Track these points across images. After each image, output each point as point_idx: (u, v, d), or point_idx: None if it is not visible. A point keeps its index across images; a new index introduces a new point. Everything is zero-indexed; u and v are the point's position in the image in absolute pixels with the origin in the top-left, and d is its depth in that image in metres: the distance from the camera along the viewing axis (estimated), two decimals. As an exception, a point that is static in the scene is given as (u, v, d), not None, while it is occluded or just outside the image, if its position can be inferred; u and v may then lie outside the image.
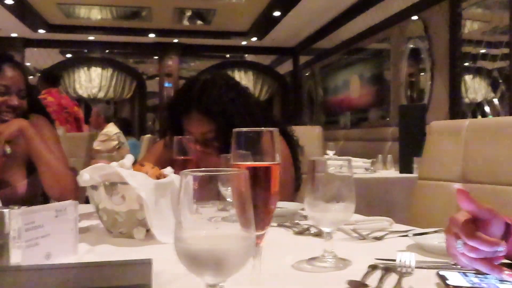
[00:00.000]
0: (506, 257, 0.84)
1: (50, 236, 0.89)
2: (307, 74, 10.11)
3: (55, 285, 0.75)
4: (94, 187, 1.11)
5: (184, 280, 0.57)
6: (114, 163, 1.18)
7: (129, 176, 1.06)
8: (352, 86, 8.06)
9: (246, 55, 10.86)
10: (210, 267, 0.53)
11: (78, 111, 5.36)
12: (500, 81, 4.63)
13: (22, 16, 7.92)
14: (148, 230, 1.11)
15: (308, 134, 2.25)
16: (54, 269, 0.82)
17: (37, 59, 9.81)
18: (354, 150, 5.78)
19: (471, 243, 0.77)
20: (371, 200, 2.95)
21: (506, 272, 0.76)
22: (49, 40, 9.19)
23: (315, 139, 2.22)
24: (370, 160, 3.73)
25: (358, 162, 4.08)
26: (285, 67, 10.77)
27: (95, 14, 8.28)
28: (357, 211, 1.46)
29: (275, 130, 0.66)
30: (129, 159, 1.20)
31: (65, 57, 10.23)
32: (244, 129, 0.65)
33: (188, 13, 8.30)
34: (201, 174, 0.56)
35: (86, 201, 1.28)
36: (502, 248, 0.76)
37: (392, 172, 3.48)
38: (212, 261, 0.53)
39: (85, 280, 0.78)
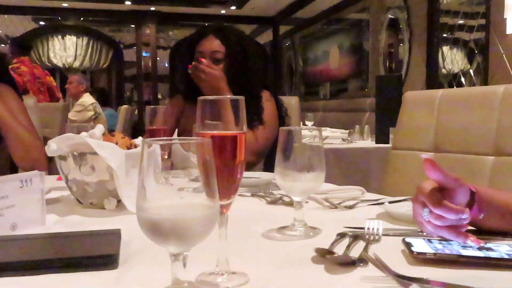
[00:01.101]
0: (470, 223, 0.86)
1: (15, 206, 0.87)
2: (287, 44, 10.04)
3: (20, 256, 0.74)
4: (63, 158, 1.09)
5: (152, 250, 0.57)
6: (83, 133, 1.16)
7: (98, 146, 1.04)
8: (332, 56, 8.04)
9: (226, 24, 10.70)
10: (172, 236, 0.53)
11: (51, 80, 5.24)
12: (476, 52, 4.67)
13: (-9, -20, 7.63)
14: (119, 201, 1.10)
15: (285, 105, 2.24)
16: (19, 240, 0.82)
17: (8, 26, 9.49)
18: (333, 121, 5.82)
19: (437, 211, 0.78)
20: (348, 170, 2.98)
21: (471, 238, 0.78)
22: (21, 7, 8.86)
23: (292, 110, 2.22)
24: (347, 131, 3.76)
25: (335, 132, 4.13)
26: (265, 37, 10.66)
27: (69, -20, 8.03)
28: (334, 180, 1.49)
29: (241, 98, 0.65)
30: (99, 129, 1.18)
31: (38, 24, 9.90)
32: (210, 97, 0.63)
33: (166, -21, 8.11)
34: (164, 142, 0.55)
35: None
36: (466, 216, 0.78)
37: (368, 143, 3.51)
38: (174, 231, 0.53)
39: (52, 251, 0.77)
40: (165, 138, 0.56)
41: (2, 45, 8.22)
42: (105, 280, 0.66)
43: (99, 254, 0.72)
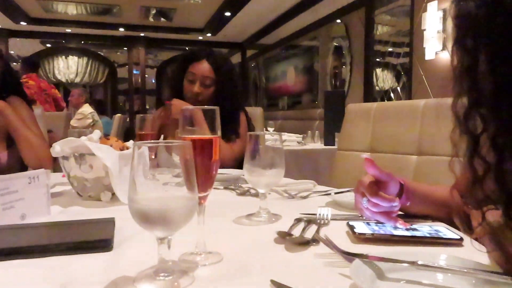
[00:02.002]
0: (400, 209, 0.88)
1: (24, 200, 0.84)
2: (252, 65, 10.05)
3: (29, 241, 0.71)
4: (65, 158, 1.06)
5: (142, 234, 0.55)
6: (83, 137, 1.12)
7: (95, 148, 1.01)
8: (289, 75, 8.09)
9: (217, 52, 10.61)
10: (158, 223, 0.52)
11: (56, 92, 5.08)
12: (402, 73, 4.79)
13: (5, 9, 7.33)
14: (113, 194, 1.07)
15: (251, 114, 2.23)
16: (28, 228, 0.78)
17: (20, 48, 9.17)
18: (290, 128, 5.85)
19: (374, 200, 0.80)
20: (302, 167, 3.00)
21: (400, 221, 0.79)
22: (30, 31, 8.57)
23: (257, 118, 2.21)
24: (301, 135, 3.78)
25: (292, 137, 4.14)
26: (235, 59, 10.64)
27: (71, 10, 7.79)
28: (291, 176, 1.49)
29: (216, 108, 0.64)
30: (96, 134, 1.15)
31: (45, 46, 9.60)
32: (190, 108, 0.62)
33: (153, 11, 7.97)
34: (151, 145, 0.54)
35: None
36: (396, 203, 0.79)
37: (318, 145, 3.54)
38: (160, 218, 0.51)
39: (56, 236, 0.74)
40: (152, 141, 0.55)
41: (15, 63, 7.91)
42: (101, 260, 0.64)
43: (96, 238, 0.70)
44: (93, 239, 0.70)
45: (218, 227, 0.84)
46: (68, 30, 8.78)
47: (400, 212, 0.90)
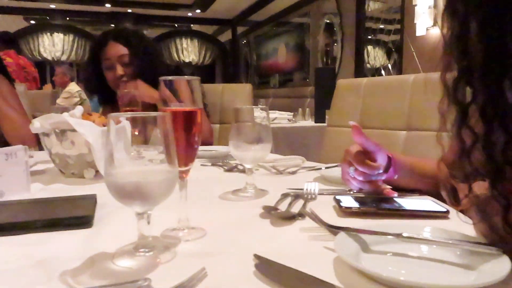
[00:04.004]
0: (387, 183, 0.87)
1: (1, 177, 0.81)
2: (243, 42, 9.93)
3: (8, 218, 0.69)
4: (46, 134, 1.03)
5: (124, 211, 0.53)
6: (65, 113, 1.09)
7: (77, 124, 0.98)
8: (280, 53, 8.01)
9: (192, 25, 10.44)
10: (136, 197, 0.50)
11: (35, 71, 4.95)
12: (393, 50, 4.76)
13: (-15, -16, 7.10)
14: (97, 171, 1.05)
15: (240, 91, 2.20)
16: (6, 205, 0.76)
17: (2, 25, 8.91)
18: (281, 105, 5.82)
19: (360, 168, 0.79)
20: (293, 144, 2.99)
21: (386, 190, 0.79)
22: (13, 7, 8.33)
23: (246, 95, 2.17)
24: (292, 113, 3.77)
25: (283, 114, 4.12)
26: (225, 36, 10.50)
27: (56, -16, 7.59)
28: (281, 152, 1.47)
29: (196, 78, 0.61)
30: (79, 110, 1.12)
31: (29, 23, 9.34)
32: (169, 78, 0.60)
33: (141, -14, 7.80)
34: (129, 115, 0.51)
35: None
36: (381, 171, 0.80)
37: (309, 122, 3.53)
38: (137, 192, 0.49)
39: (34, 213, 0.72)
40: (130, 112, 0.52)
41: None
42: (81, 236, 0.63)
43: (76, 215, 0.68)
44: (72, 216, 0.68)
45: (203, 203, 0.83)
46: (52, 6, 8.54)
47: (388, 186, 0.89)
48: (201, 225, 0.66)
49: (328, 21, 6.19)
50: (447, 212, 0.71)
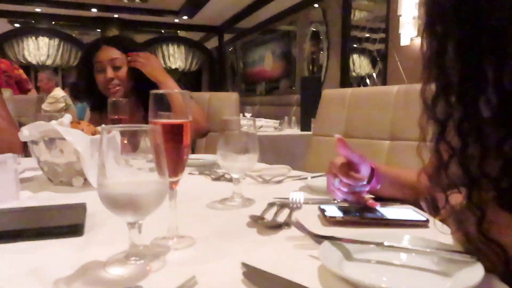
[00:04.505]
0: (371, 193, 0.90)
1: (-10, 185, 0.82)
2: (230, 49, 9.97)
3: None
4: (35, 142, 1.03)
5: (114, 220, 0.55)
6: (53, 121, 1.10)
7: (66, 133, 0.99)
8: (266, 60, 8.07)
9: (179, 32, 10.44)
10: (128, 208, 0.52)
11: (20, 73, 4.87)
12: (378, 59, 4.84)
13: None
14: (86, 179, 1.05)
15: (226, 99, 2.22)
16: (-4, 213, 0.76)
17: (-15, 28, 8.78)
18: (267, 113, 5.85)
19: (345, 180, 0.82)
20: (278, 152, 3.01)
21: (369, 201, 0.82)
22: (-3, 10, 8.22)
23: (233, 103, 2.20)
24: (278, 121, 3.80)
25: (269, 122, 4.15)
26: (212, 43, 10.52)
27: (41, -12, 7.51)
28: (267, 161, 1.50)
29: (186, 92, 0.64)
30: (67, 118, 1.12)
31: (13, 26, 9.22)
32: (161, 91, 0.62)
33: (128, -8, 7.77)
34: (121, 129, 0.53)
35: None
36: (365, 183, 0.83)
37: (295, 130, 3.56)
38: (129, 203, 0.51)
39: (24, 222, 0.73)
40: (122, 125, 0.54)
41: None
42: (71, 245, 0.64)
43: (66, 224, 0.69)
44: (63, 224, 0.69)
45: (191, 212, 0.84)
46: (38, 10, 8.45)
47: (371, 196, 0.92)
48: (190, 233, 0.68)
49: (314, 29, 6.27)
50: (427, 221, 0.74)
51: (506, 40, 0.49)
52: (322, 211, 0.79)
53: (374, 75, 4.97)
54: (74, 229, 0.68)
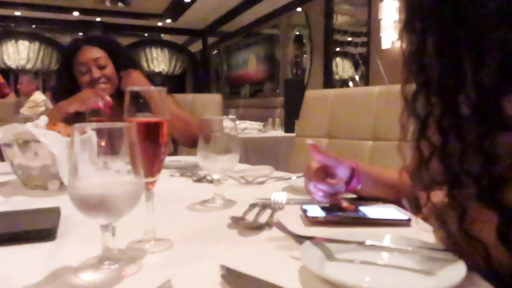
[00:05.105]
0: (352, 192, 0.90)
1: (-41, 189, 0.78)
2: (214, 52, 9.94)
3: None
4: (8, 145, 0.99)
5: (89, 224, 0.52)
6: (28, 124, 1.06)
7: (40, 134, 0.95)
8: (250, 63, 8.07)
9: (162, 35, 10.37)
10: (100, 209, 0.49)
11: None
12: (360, 62, 4.89)
13: None
14: (62, 182, 1.02)
15: (209, 101, 2.20)
16: (-36, 219, 0.73)
17: (-38, 31, 8.56)
18: (252, 115, 5.83)
19: (319, 185, 0.82)
20: (262, 154, 3.00)
21: (344, 204, 0.81)
22: (-26, 13, 8.03)
23: (216, 105, 2.18)
24: (262, 123, 3.79)
25: (253, 125, 4.13)
26: (196, 46, 10.47)
27: (21, -9, 7.35)
28: (251, 162, 1.48)
29: (162, 89, 0.61)
30: (43, 119, 1.09)
31: (-8, 30, 9.02)
32: (136, 88, 0.59)
33: (110, -5, 7.67)
34: (94, 126, 0.51)
35: None
36: (341, 187, 0.82)
37: (279, 132, 3.56)
38: (101, 204, 0.49)
39: (-4, 227, 0.69)
40: (95, 123, 0.51)
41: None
42: (43, 250, 0.61)
43: (38, 228, 0.66)
44: (35, 229, 0.66)
45: (170, 214, 0.82)
46: (18, 13, 8.28)
47: (354, 195, 0.92)
48: (168, 236, 0.65)
49: (297, 33, 6.30)
50: (409, 220, 0.74)
51: (484, 37, 0.48)
52: (304, 211, 0.78)
53: (357, 77, 5.01)
54: (46, 234, 0.65)
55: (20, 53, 8.86)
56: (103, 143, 0.52)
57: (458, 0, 0.49)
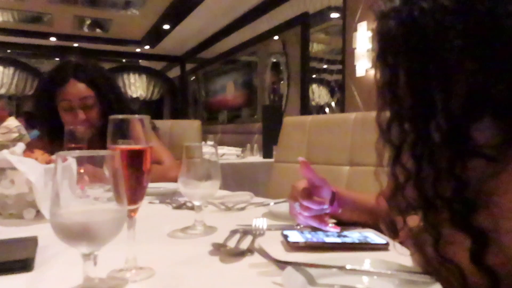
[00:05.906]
0: (332, 217, 0.91)
1: None
2: (192, 78, 9.99)
3: None
4: (-17, 173, 0.97)
5: (68, 252, 0.51)
6: (5, 151, 1.04)
7: (17, 162, 0.93)
8: (228, 89, 8.14)
9: (140, 61, 10.39)
10: (82, 238, 0.49)
11: None
12: (336, 89, 5.01)
13: None
14: (38, 211, 0.99)
15: (188, 127, 2.21)
16: None
17: None
18: (230, 141, 5.85)
19: (305, 203, 0.83)
20: (241, 180, 3.00)
21: (330, 225, 0.83)
22: None
23: (195, 131, 2.18)
24: (240, 149, 3.80)
25: (231, 150, 4.13)
26: (174, 72, 10.52)
27: (-4, 16, 7.28)
28: (230, 188, 1.48)
29: (146, 117, 0.62)
30: (20, 146, 1.07)
31: (-36, 54, 8.84)
32: (120, 116, 0.60)
33: (88, 21, 7.67)
34: (76, 155, 0.51)
35: None
36: (326, 206, 0.83)
37: (257, 158, 3.57)
38: (84, 233, 0.48)
39: (-32, 259, 0.67)
40: (77, 151, 0.52)
41: None
42: (20, 281, 0.59)
43: (14, 259, 0.64)
44: (11, 260, 0.64)
45: (151, 242, 0.81)
46: (-8, 38, 8.17)
47: (333, 220, 0.93)
48: (149, 264, 0.65)
49: (274, 60, 6.42)
50: (387, 244, 0.75)
51: (451, 69, 0.52)
52: (285, 236, 0.78)
53: (333, 103, 5.11)
54: (23, 264, 0.63)
55: (-8, 78, 8.69)
56: (81, 171, 0.52)
57: (427, 36, 0.52)
